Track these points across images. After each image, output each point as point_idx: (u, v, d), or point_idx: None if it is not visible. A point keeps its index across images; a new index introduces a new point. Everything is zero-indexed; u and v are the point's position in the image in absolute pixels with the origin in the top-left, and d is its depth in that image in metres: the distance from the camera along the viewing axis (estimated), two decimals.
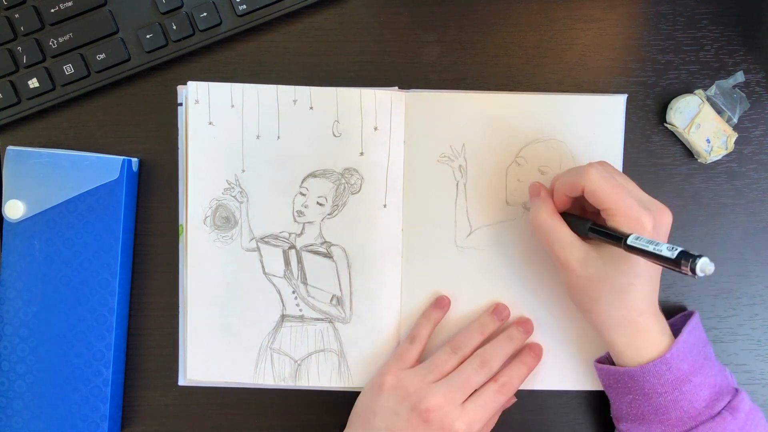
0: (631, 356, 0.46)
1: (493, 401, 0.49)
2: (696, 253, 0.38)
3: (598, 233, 0.45)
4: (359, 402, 0.51)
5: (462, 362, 0.50)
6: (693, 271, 0.37)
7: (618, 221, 0.44)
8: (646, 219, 0.43)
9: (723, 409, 0.46)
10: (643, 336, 0.46)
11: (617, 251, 0.44)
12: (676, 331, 0.47)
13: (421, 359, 0.52)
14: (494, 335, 0.52)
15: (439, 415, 0.47)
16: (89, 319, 0.52)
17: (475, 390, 0.49)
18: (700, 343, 0.48)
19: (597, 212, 0.46)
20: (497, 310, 0.52)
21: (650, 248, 0.40)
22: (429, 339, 0.52)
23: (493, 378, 0.50)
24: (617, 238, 0.43)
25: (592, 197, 0.45)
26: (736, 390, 0.47)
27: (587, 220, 0.46)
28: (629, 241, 0.41)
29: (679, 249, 0.39)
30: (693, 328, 0.47)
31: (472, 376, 0.49)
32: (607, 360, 0.50)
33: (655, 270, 0.46)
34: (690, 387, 0.45)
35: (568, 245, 0.46)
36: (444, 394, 0.48)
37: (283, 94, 0.52)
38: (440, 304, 0.53)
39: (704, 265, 0.37)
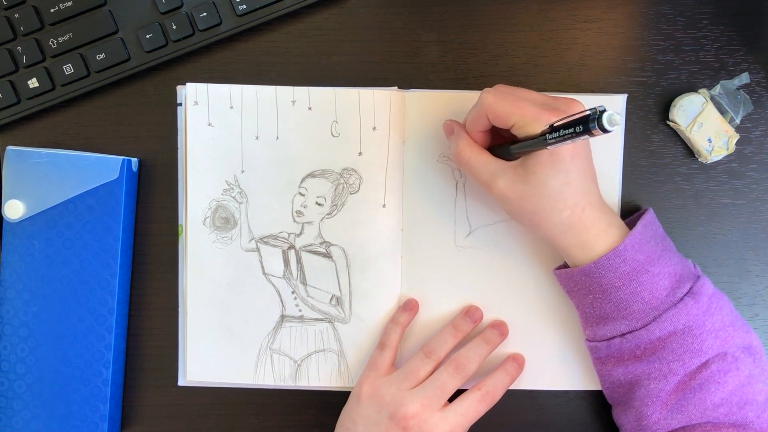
0: (583, 255, 0.45)
1: (475, 409, 0.48)
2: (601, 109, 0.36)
3: (518, 148, 0.44)
4: (342, 414, 0.51)
5: (437, 367, 0.49)
6: (603, 129, 0.35)
7: (528, 130, 0.43)
8: (554, 117, 0.42)
9: (685, 295, 0.44)
10: (592, 230, 0.45)
11: (541, 158, 0.43)
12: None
13: (399, 364, 0.51)
14: (469, 338, 0.51)
15: (418, 422, 0.47)
16: (89, 319, 0.52)
17: (457, 396, 0.49)
18: (658, 237, 0.46)
19: (515, 137, 0.45)
20: (470, 311, 0.52)
21: (570, 129, 0.37)
22: (400, 343, 0.52)
23: (476, 386, 0.49)
24: (537, 142, 0.42)
25: (497, 120, 0.44)
26: (698, 276, 0.46)
27: (506, 143, 0.45)
28: (548, 137, 0.40)
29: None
30: (648, 222, 0.46)
31: (448, 382, 0.48)
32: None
33: (585, 163, 0.45)
34: (648, 277, 0.44)
35: (492, 170, 0.45)
36: (421, 401, 0.47)
37: (281, 95, 0.52)
38: (408, 307, 0.52)
39: (610, 117, 0.35)
